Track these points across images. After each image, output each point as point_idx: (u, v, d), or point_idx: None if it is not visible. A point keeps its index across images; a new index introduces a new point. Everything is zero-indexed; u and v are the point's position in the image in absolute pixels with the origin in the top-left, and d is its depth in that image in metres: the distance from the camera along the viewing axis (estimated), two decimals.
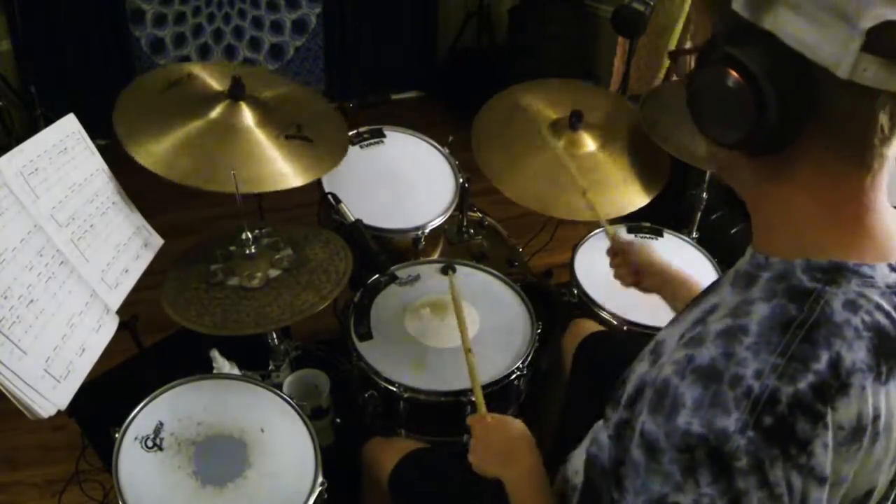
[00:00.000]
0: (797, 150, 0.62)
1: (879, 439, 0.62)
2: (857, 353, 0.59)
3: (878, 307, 0.61)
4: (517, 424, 1.01)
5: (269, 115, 1.46)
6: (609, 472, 0.66)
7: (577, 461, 0.97)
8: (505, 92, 1.84)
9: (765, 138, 0.61)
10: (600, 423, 0.83)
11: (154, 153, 1.31)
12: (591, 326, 1.46)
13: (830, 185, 0.62)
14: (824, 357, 0.58)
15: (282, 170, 1.39)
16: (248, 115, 1.42)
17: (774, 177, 0.65)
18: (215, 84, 1.50)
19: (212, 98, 1.44)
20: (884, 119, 0.58)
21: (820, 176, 0.62)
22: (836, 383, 0.57)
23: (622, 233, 1.80)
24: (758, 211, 0.69)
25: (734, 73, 0.59)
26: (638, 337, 1.46)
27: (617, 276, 1.28)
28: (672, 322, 0.79)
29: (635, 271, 1.24)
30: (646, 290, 1.24)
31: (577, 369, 1.39)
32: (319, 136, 1.50)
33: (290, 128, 1.47)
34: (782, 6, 0.57)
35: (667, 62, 2.89)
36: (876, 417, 0.60)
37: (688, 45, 0.73)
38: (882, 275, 0.62)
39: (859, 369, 0.58)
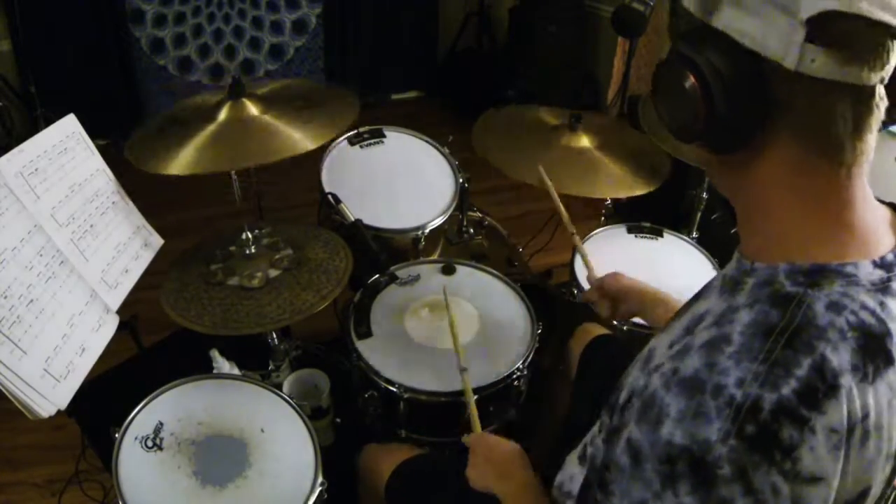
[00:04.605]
0: (766, 147, 0.62)
1: (870, 438, 0.62)
2: (842, 355, 0.59)
3: (864, 306, 0.61)
4: (511, 443, 1.04)
5: (273, 103, 1.49)
6: (598, 474, 0.67)
7: (570, 467, 0.97)
8: (504, 108, 1.86)
9: (721, 134, 0.63)
10: (595, 428, 0.85)
11: (175, 163, 1.33)
12: (596, 330, 1.47)
13: (806, 182, 0.63)
14: (807, 361, 0.58)
15: (298, 137, 1.41)
16: (252, 108, 1.45)
17: (750, 176, 0.65)
18: (212, 98, 1.52)
19: (214, 105, 1.46)
20: (845, 110, 0.58)
21: (794, 173, 0.63)
22: (823, 386, 0.57)
23: (620, 232, 1.80)
24: (742, 214, 0.70)
25: (685, 71, 0.61)
26: (641, 338, 1.46)
27: (597, 309, 1.30)
28: (663, 330, 0.79)
29: (612, 299, 1.25)
30: (623, 316, 1.26)
31: (581, 372, 1.40)
32: (326, 102, 1.53)
33: (297, 102, 1.49)
34: (727, 5, 0.59)
35: None
36: (865, 417, 0.60)
37: None
38: (866, 272, 0.62)
39: (846, 370, 0.58)
